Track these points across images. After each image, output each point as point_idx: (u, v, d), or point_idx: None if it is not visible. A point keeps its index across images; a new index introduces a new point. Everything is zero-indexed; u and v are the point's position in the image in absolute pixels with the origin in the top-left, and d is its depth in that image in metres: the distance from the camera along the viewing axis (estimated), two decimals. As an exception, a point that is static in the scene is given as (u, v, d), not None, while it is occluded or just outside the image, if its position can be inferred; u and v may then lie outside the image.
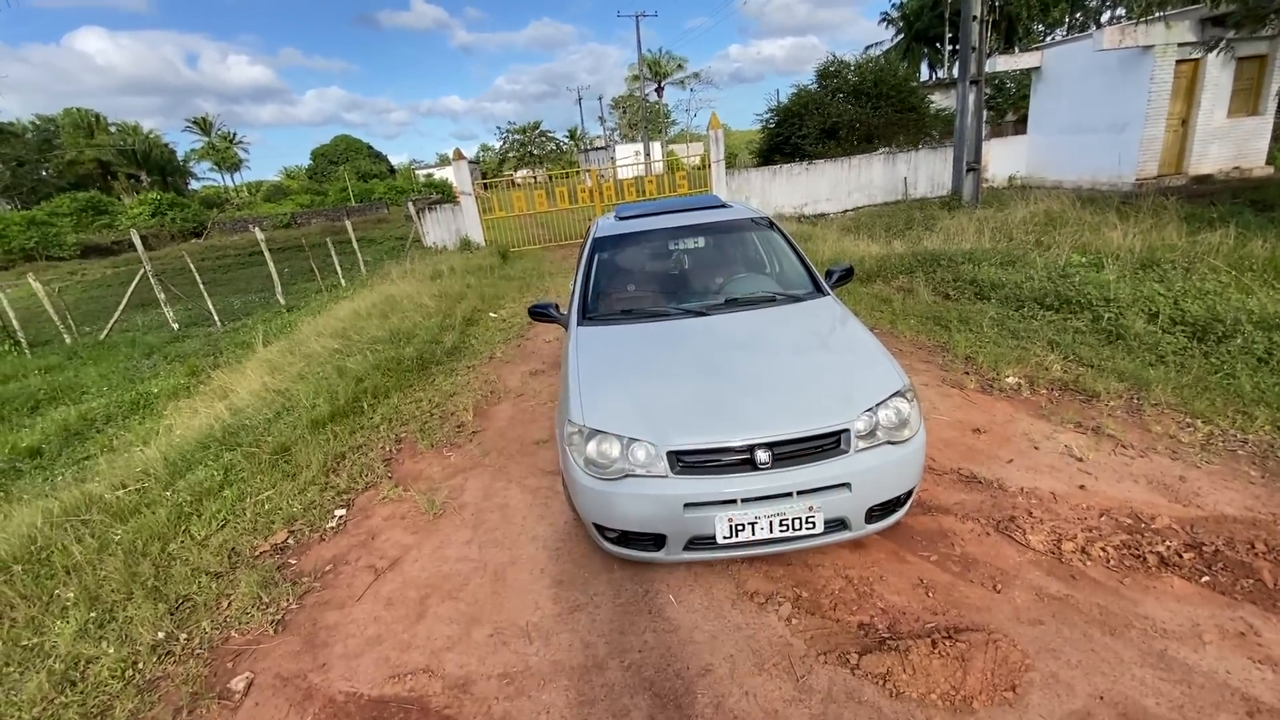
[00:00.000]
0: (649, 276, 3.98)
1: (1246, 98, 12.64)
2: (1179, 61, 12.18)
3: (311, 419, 4.89)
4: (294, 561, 3.24)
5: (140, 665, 2.59)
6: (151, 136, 60.40)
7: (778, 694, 2.13)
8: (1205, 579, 2.43)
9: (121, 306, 10.73)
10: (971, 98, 12.35)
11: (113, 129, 56.95)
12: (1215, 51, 11.17)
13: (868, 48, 32.53)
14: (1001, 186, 16.13)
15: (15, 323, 10.64)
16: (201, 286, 11.24)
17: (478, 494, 3.69)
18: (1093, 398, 3.98)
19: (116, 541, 3.53)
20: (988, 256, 7.22)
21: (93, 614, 2.94)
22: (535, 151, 74.98)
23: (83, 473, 5.32)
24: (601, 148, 57.91)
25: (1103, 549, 2.66)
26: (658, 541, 2.61)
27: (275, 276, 12.09)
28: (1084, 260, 6.01)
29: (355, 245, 13.38)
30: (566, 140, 77.74)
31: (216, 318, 10.79)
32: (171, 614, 2.90)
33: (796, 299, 3.49)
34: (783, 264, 3.89)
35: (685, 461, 2.52)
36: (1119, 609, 2.33)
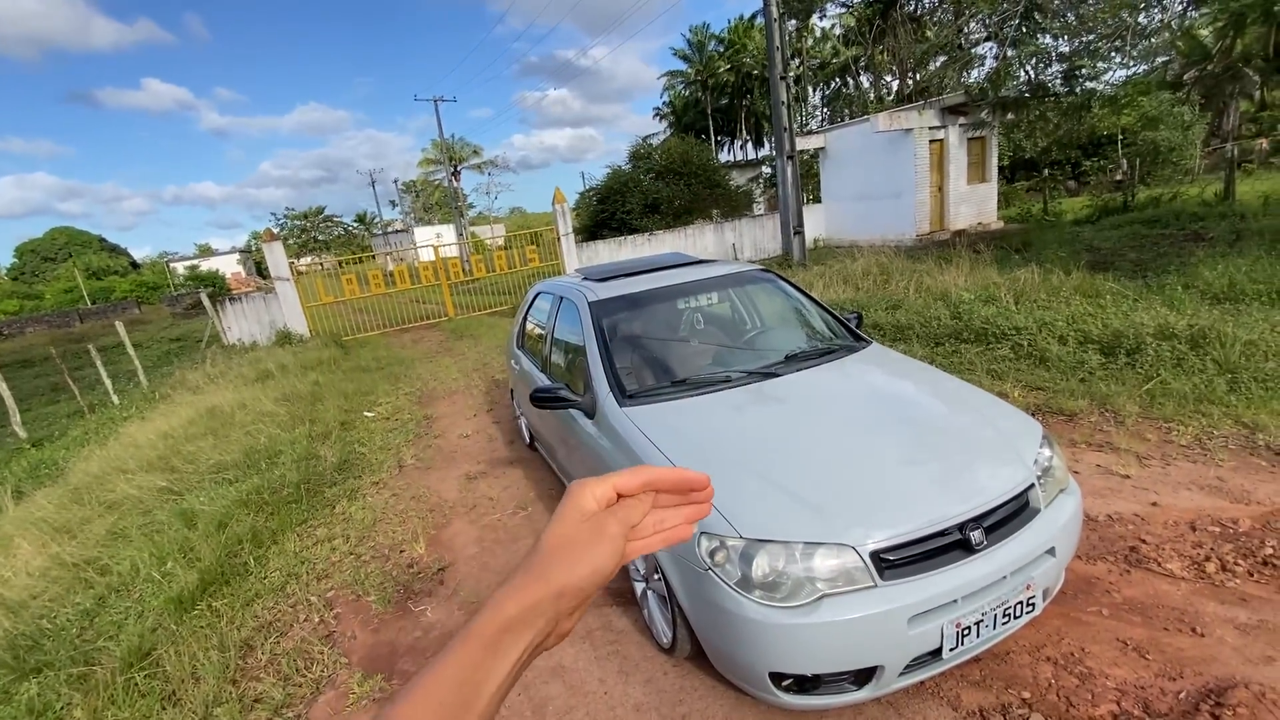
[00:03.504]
0: (676, 341, 3.38)
1: (978, 169, 16.02)
2: (931, 141, 15.08)
3: (169, 597, 3.30)
4: None
5: None
6: None
7: None
8: (1342, 575, 2.47)
9: None
10: (789, 170, 13.86)
11: None
12: (969, 130, 14.09)
13: (645, 138, 36.17)
14: (810, 247, 18.29)
15: None
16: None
17: (506, 659, 2.65)
18: (1072, 417, 4.21)
19: None
20: (870, 304, 7.80)
21: None
22: (320, 237, 69.69)
23: None
24: (401, 230, 55.57)
25: (1234, 562, 2.61)
26: (862, 677, 1.97)
27: (10, 401, 8.85)
28: (974, 297, 6.73)
29: (131, 351, 10.39)
30: (357, 225, 73.77)
31: (-91, 471, 7.46)
32: None
33: (852, 349, 3.17)
34: (805, 315, 3.57)
35: (890, 561, 1.95)
36: (1320, 627, 2.23)
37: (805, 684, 2.00)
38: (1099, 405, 4.27)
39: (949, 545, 2.00)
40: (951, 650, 1.96)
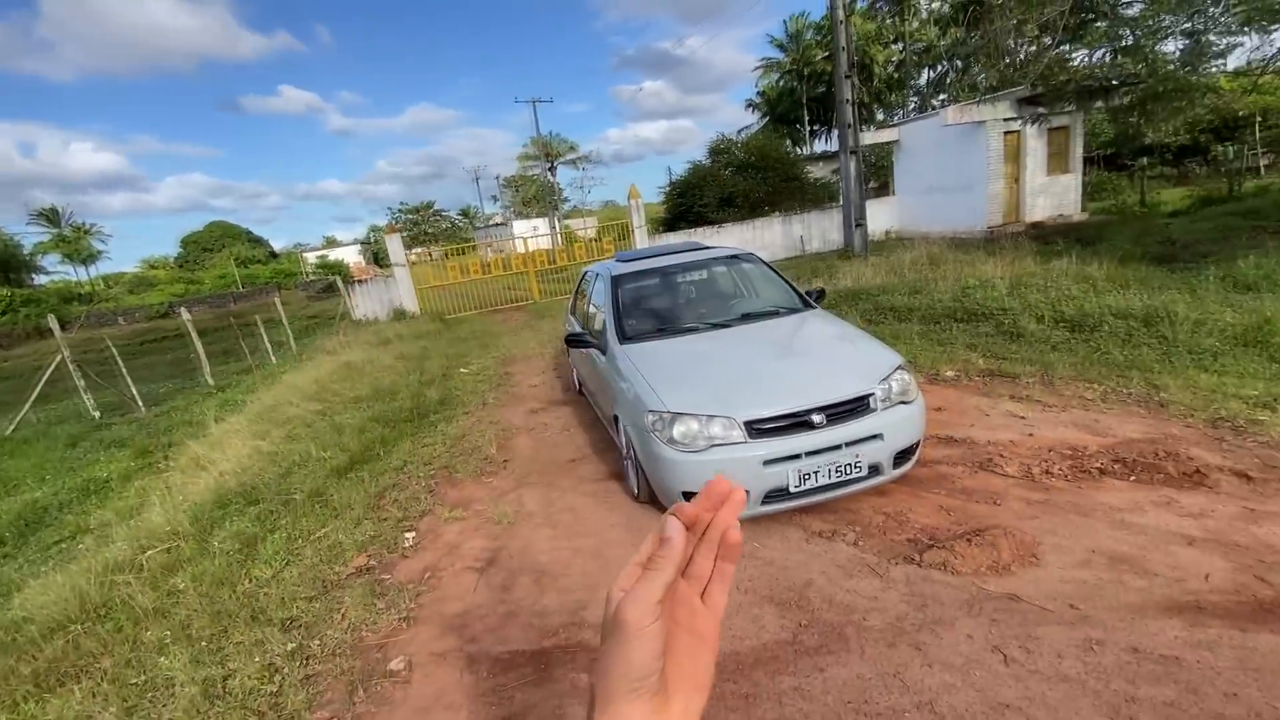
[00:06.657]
0: (668, 303, 4.66)
1: (1059, 160, 15.75)
2: (1006, 132, 15.07)
3: (331, 468, 4.99)
4: (387, 577, 3.44)
5: (285, 670, 2.73)
6: (-12, 230, 54.78)
7: (869, 587, 2.72)
8: (1132, 478, 3.35)
9: (32, 399, 9.76)
10: (852, 166, 14.48)
11: (-61, 222, 51.10)
12: (1032, 124, 14.02)
13: (740, 130, 36.80)
14: (879, 239, 18.61)
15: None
16: (125, 373, 10.51)
17: (540, 503, 4.06)
18: (1015, 379, 5.04)
19: (179, 590, 3.54)
20: (896, 289, 8.58)
21: (196, 647, 3.00)
22: (429, 230, 76.05)
23: (66, 556, 5.00)
24: (500, 224, 59.13)
25: (1059, 469, 3.54)
26: (740, 499, 3.16)
27: (203, 357, 11.50)
28: (977, 284, 7.41)
29: (285, 323, 13.05)
30: (461, 219, 79.73)
31: (140, 403, 10.08)
32: (285, 632, 3.03)
33: (795, 310, 4.30)
34: (772, 288, 4.71)
35: (758, 428, 3.15)
36: (1083, 502, 3.17)
37: (705, 504, 3.22)
38: (1044, 370, 5.07)
39: (798, 423, 3.16)
40: (796, 488, 3.12)
